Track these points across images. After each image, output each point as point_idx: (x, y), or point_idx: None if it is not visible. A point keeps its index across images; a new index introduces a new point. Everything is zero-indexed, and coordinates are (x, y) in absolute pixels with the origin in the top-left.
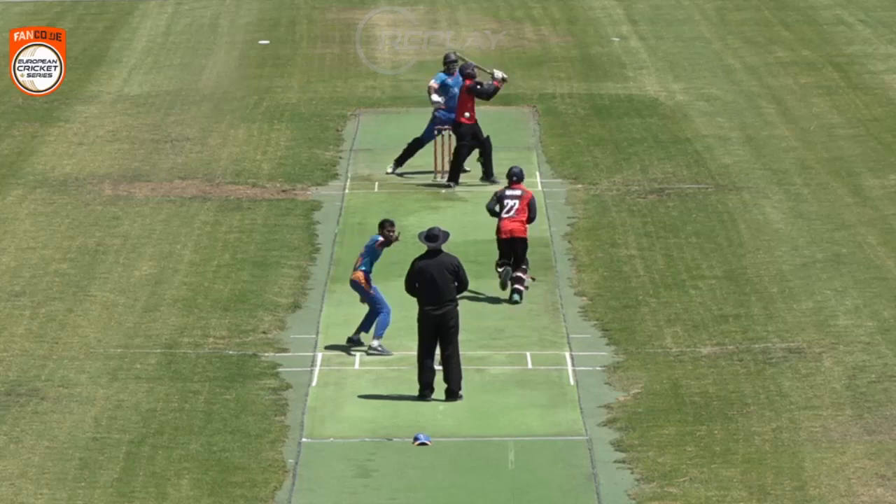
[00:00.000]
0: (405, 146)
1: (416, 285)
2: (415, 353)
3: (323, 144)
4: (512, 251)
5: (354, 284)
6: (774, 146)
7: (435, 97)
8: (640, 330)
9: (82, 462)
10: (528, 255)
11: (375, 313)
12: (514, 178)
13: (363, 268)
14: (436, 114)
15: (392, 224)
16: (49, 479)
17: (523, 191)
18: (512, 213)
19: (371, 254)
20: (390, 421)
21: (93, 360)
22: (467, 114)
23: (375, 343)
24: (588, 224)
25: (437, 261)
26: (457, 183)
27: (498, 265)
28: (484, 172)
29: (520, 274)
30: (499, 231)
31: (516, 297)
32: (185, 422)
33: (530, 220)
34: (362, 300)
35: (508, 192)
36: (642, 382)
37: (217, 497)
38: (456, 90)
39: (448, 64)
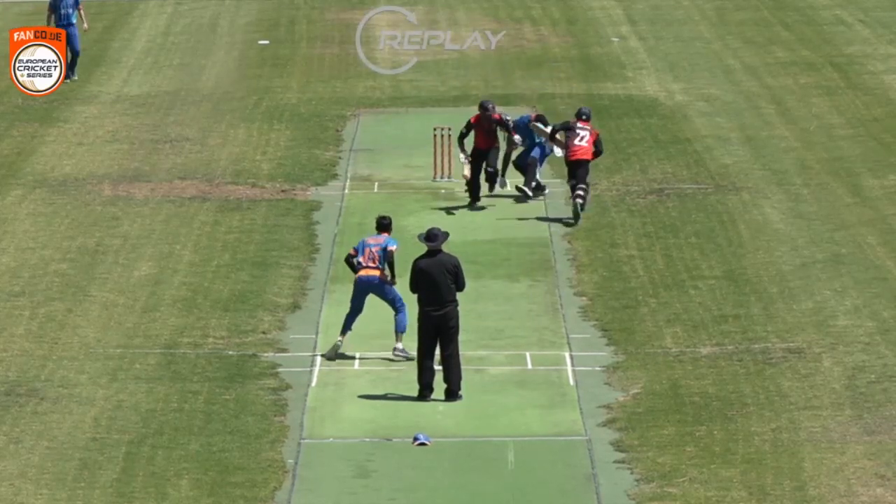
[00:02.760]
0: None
1: (417, 284)
2: (414, 353)
3: (323, 144)
4: (578, 171)
5: (371, 282)
6: (774, 146)
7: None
8: (639, 330)
9: (82, 462)
10: (529, 256)
11: (394, 309)
12: (584, 116)
13: (382, 266)
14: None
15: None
16: (49, 480)
17: (591, 128)
18: (583, 141)
19: (385, 257)
20: (390, 421)
21: (92, 361)
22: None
23: (399, 345)
24: (588, 224)
25: (437, 260)
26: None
27: (570, 185)
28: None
29: (580, 191)
30: (568, 155)
31: (579, 201)
32: (184, 422)
33: (597, 153)
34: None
35: (580, 125)
36: (642, 382)
37: (217, 497)
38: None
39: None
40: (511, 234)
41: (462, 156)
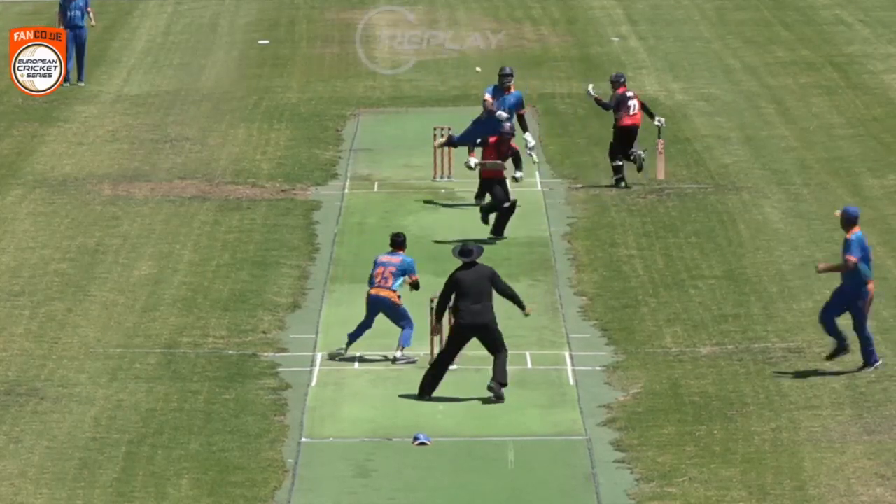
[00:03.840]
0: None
1: (453, 296)
2: (417, 352)
3: (323, 144)
4: (631, 136)
5: (384, 303)
6: (774, 146)
7: (502, 114)
8: (639, 330)
9: (82, 462)
10: (529, 255)
11: (400, 327)
12: (623, 80)
13: (395, 288)
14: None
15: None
16: (49, 479)
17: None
18: (635, 111)
19: (403, 275)
20: (390, 421)
21: (92, 360)
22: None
23: (399, 353)
24: (588, 224)
25: (474, 271)
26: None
27: (624, 155)
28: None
29: (640, 152)
30: (623, 123)
31: (640, 153)
32: (184, 422)
33: (650, 115)
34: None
35: (629, 94)
36: (642, 382)
37: (217, 497)
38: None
39: (503, 77)
40: (511, 234)
41: (472, 160)
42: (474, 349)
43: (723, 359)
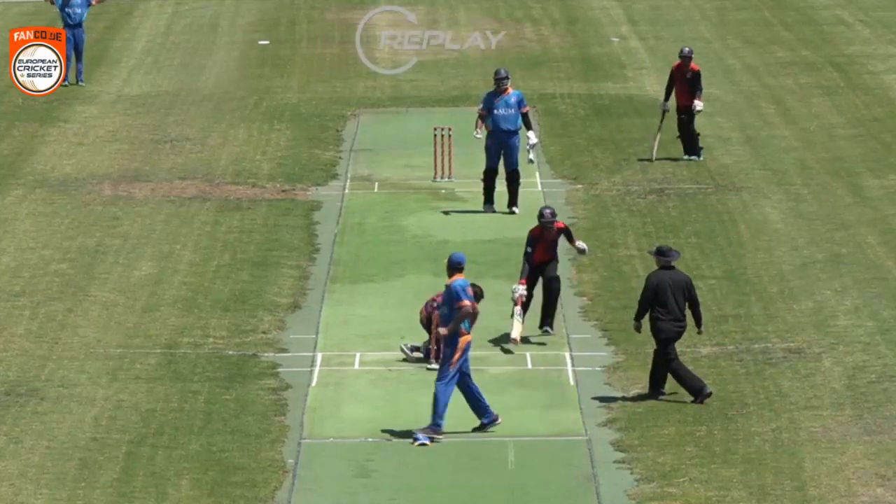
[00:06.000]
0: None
1: (653, 299)
2: (411, 351)
3: (323, 144)
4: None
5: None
6: (774, 146)
7: (477, 133)
8: None
9: (82, 462)
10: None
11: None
12: (688, 53)
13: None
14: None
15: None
16: (49, 479)
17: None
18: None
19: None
20: (390, 421)
21: (93, 360)
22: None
23: (409, 348)
24: (588, 224)
25: (672, 275)
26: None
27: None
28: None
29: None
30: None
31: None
32: (184, 422)
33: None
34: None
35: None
36: (642, 382)
37: (217, 497)
38: (502, 111)
39: (498, 81)
40: (511, 234)
41: (518, 289)
42: (473, 349)
43: (723, 359)
